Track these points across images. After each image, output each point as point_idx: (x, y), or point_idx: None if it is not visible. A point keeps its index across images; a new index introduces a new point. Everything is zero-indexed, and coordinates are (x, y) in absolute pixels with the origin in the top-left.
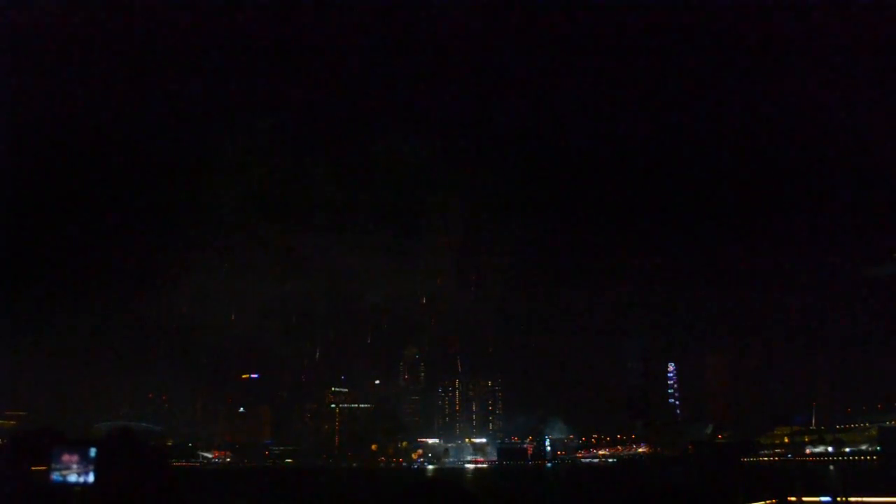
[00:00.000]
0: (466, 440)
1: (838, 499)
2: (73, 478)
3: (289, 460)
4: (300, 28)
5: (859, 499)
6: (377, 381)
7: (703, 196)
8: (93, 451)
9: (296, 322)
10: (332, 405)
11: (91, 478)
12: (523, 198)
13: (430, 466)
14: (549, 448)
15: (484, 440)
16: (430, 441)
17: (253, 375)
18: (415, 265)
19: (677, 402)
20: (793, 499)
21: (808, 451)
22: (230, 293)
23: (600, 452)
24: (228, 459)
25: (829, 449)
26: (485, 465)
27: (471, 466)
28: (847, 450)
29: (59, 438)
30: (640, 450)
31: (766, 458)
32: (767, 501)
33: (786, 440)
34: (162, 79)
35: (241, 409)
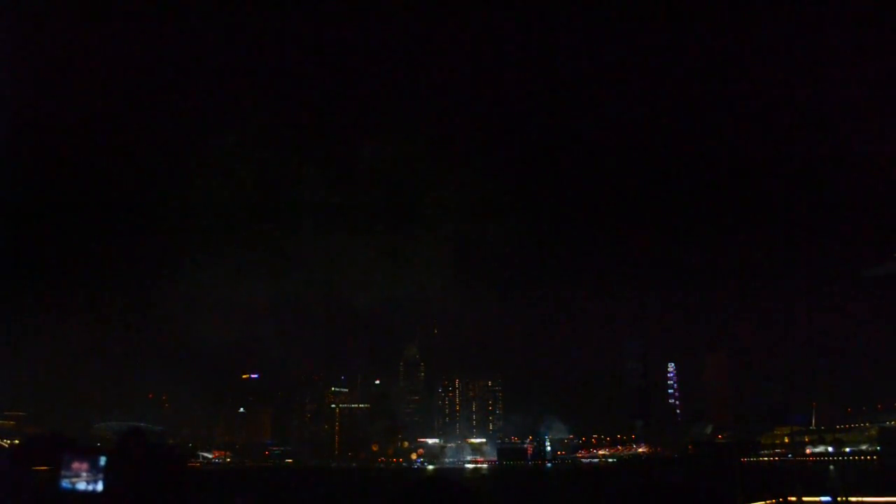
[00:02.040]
0: (466, 440)
1: (838, 499)
2: (82, 486)
3: (289, 460)
4: (294, 29)
5: (859, 499)
6: (377, 381)
7: (703, 197)
8: (102, 460)
9: (296, 323)
10: (332, 405)
11: (100, 486)
12: (523, 197)
13: (430, 466)
14: (549, 448)
15: (483, 440)
16: (430, 441)
17: (253, 375)
18: (414, 265)
19: (677, 402)
20: (793, 499)
21: (808, 451)
22: (230, 294)
23: (600, 452)
24: (228, 459)
25: (829, 449)
26: (484, 465)
27: (470, 466)
28: (847, 450)
29: (68, 444)
30: (640, 450)
31: (766, 458)
32: (767, 501)
33: (786, 440)
34: (157, 79)
35: (242, 409)
